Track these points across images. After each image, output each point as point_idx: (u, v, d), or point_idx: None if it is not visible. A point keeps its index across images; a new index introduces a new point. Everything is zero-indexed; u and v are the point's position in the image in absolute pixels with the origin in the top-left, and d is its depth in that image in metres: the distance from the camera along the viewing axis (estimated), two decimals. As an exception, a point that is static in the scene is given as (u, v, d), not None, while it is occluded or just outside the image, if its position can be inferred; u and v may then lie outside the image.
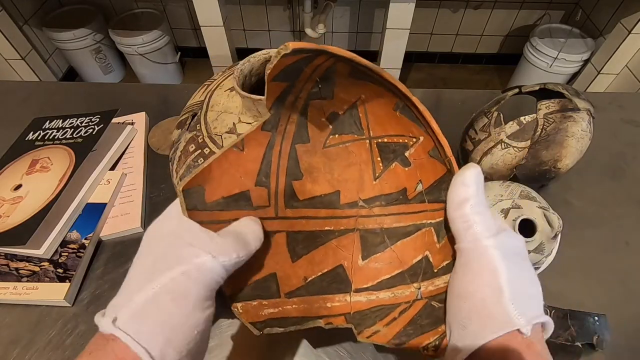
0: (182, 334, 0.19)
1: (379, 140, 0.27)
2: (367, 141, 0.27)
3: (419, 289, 0.26)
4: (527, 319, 0.18)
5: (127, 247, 0.47)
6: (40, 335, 0.40)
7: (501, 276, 0.19)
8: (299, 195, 0.27)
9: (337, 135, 0.27)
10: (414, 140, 0.25)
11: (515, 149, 0.45)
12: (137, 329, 0.18)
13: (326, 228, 0.28)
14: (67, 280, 0.42)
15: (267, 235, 0.25)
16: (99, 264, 0.46)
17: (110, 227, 0.48)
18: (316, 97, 0.24)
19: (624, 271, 0.45)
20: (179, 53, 1.83)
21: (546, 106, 0.44)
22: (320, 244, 0.28)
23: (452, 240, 0.25)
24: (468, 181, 0.21)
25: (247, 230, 0.23)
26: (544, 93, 0.47)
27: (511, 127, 0.54)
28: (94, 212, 0.48)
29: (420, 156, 0.26)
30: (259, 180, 0.25)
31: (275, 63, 0.20)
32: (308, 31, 1.71)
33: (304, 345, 0.39)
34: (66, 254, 0.45)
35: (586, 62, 1.54)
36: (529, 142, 0.45)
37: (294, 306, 0.26)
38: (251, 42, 1.93)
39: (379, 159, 0.27)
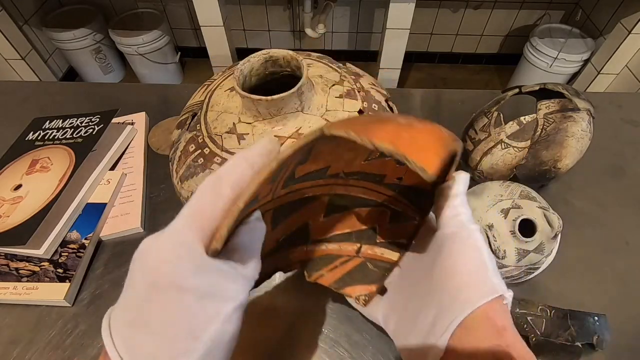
0: None
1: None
2: None
3: (360, 248, 0.31)
4: (502, 286, 0.22)
5: (127, 247, 0.47)
6: (40, 335, 0.40)
7: (484, 254, 0.23)
8: (297, 174, 0.29)
9: None
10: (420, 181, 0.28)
11: (515, 149, 0.45)
12: None
13: (306, 195, 0.31)
14: (67, 280, 0.42)
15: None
16: (99, 264, 0.46)
17: (110, 227, 0.48)
18: None
19: (624, 271, 0.45)
20: (179, 53, 1.83)
21: (546, 106, 0.44)
22: (297, 210, 0.32)
23: (401, 229, 0.29)
24: (459, 181, 0.25)
25: (258, 235, 0.22)
26: (544, 93, 0.47)
27: (511, 127, 0.54)
28: (94, 212, 0.48)
29: (415, 177, 0.27)
30: (271, 178, 0.25)
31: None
32: (308, 31, 1.71)
33: (304, 346, 0.40)
34: (66, 254, 0.45)
35: (586, 62, 1.54)
36: (529, 142, 0.45)
37: (267, 264, 0.30)
38: (251, 42, 1.93)
39: (379, 154, 0.29)
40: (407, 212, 0.30)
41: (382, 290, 0.29)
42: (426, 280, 0.24)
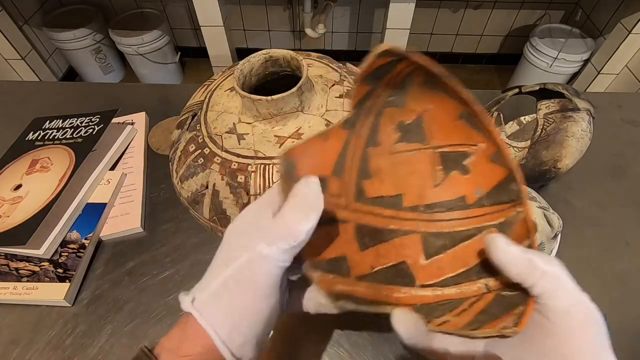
0: (247, 320, 0.21)
1: (441, 150, 0.29)
2: (430, 150, 0.29)
3: (487, 284, 0.26)
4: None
5: (127, 247, 0.47)
6: (40, 335, 0.40)
7: (603, 334, 0.20)
8: (367, 193, 0.29)
9: (403, 143, 0.29)
10: (475, 147, 0.27)
11: (515, 149, 0.45)
12: (210, 311, 0.21)
13: (390, 227, 0.30)
14: (67, 280, 0.42)
15: (338, 222, 0.28)
16: (99, 264, 0.46)
17: (110, 227, 0.48)
18: (390, 105, 0.28)
19: (624, 271, 0.45)
20: (179, 53, 1.83)
21: (546, 106, 0.44)
22: (384, 240, 0.30)
23: (517, 232, 0.26)
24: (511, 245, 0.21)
25: (308, 190, 0.22)
26: (544, 93, 0.47)
27: (511, 127, 0.54)
28: (94, 212, 0.48)
29: (481, 162, 0.28)
30: (335, 170, 0.28)
31: (368, 64, 0.22)
32: (308, 31, 1.71)
33: (304, 345, 0.40)
34: (66, 254, 0.45)
35: (586, 62, 1.54)
36: (529, 142, 0.45)
37: (363, 289, 0.28)
38: (251, 42, 1.93)
39: (440, 167, 0.29)
40: (509, 215, 0.27)
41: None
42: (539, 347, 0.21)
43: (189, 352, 0.20)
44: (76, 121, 0.57)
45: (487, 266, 0.26)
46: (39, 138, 0.55)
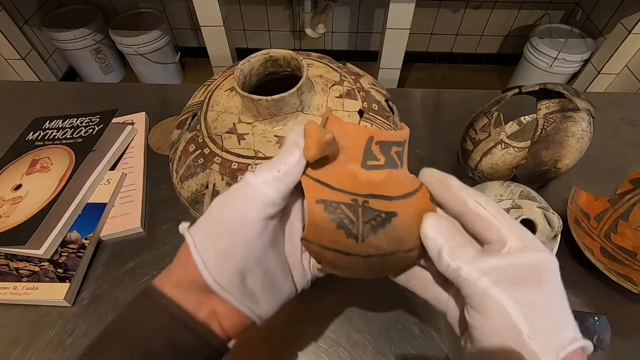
0: (236, 253, 0.21)
1: None
2: None
3: None
4: (555, 350, 0.18)
5: (127, 247, 0.47)
6: (40, 335, 0.40)
7: (511, 313, 0.18)
8: (613, 240, 0.45)
9: None
10: None
11: (515, 149, 0.45)
12: (198, 236, 0.21)
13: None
14: (67, 280, 0.42)
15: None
16: (99, 264, 0.46)
17: (110, 227, 0.48)
18: None
19: (624, 271, 0.45)
20: (179, 53, 1.83)
21: (546, 106, 0.44)
22: None
23: None
24: (430, 235, 0.21)
25: (296, 136, 0.22)
26: (544, 93, 0.47)
27: (511, 127, 0.54)
28: (94, 212, 0.48)
29: None
30: (596, 217, 0.48)
31: (633, 175, 0.34)
32: (308, 31, 1.71)
33: (304, 345, 0.40)
34: (66, 254, 0.45)
35: (586, 62, 1.54)
36: (529, 142, 0.45)
37: None
38: (251, 42, 1.93)
39: None
40: None
41: None
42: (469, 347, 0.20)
43: (180, 277, 0.21)
44: (76, 121, 0.57)
45: None
46: (39, 138, 0.55)
